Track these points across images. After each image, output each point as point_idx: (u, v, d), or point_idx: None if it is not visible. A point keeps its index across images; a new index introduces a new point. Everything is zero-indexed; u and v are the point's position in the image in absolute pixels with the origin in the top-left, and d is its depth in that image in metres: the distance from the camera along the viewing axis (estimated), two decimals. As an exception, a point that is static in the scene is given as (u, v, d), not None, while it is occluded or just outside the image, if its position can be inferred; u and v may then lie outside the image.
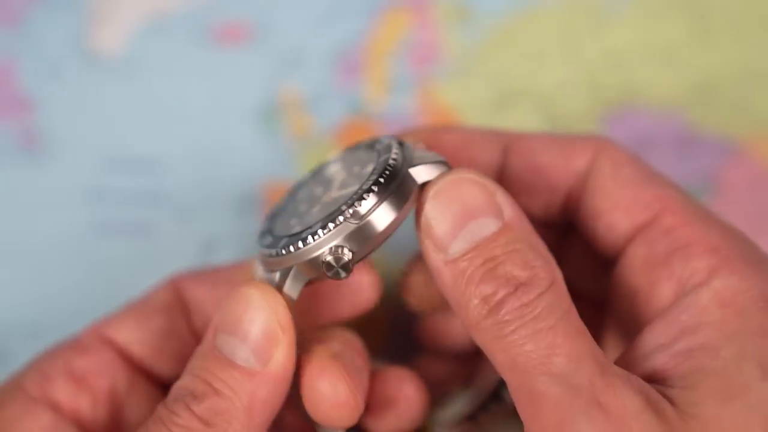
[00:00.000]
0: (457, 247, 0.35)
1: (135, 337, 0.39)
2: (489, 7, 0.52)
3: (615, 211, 0.39)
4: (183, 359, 0.39)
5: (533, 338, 0.33)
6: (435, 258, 0.35)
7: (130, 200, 0.51)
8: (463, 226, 0.35)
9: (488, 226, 0.35)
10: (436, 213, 0.35)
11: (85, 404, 0.38)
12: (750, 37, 0.52)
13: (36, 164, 0.51)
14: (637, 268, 0.38)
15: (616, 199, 0.39)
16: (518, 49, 0.52)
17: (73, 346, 0.39)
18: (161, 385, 0.40)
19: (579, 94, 0.52)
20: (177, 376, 0.38)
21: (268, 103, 0.52)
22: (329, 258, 0.35)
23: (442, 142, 0.40)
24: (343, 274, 0.35)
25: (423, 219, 0.36)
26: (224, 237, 0.51)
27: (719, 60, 0.52)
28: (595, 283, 0.41)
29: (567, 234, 0.42)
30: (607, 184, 0.39)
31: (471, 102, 0.52)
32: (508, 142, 0.40)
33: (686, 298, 0.35)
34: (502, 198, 0.36)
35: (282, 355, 0.36)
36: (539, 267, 0.35)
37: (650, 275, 0.37)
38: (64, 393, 0.38)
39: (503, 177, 0.40)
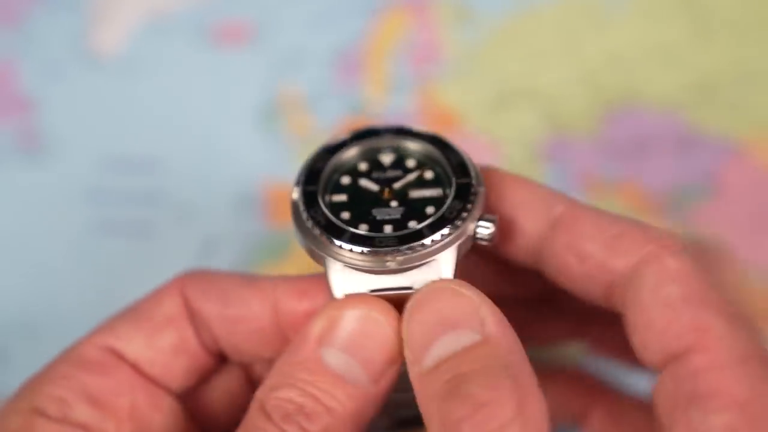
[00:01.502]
0: (429, 360, 0.33)
1: (146, 355, 0.38)
2: (489, 7, 0.52)
3: (649, 331, 0.35)
4: (194, 373, 0.38)
5: None
6: (411, 370, 0.34)
7: (129, 200, 0.51)
8: (438, 339, 0.33)
9: (463, 339, 0.33)
10: (414, 322, 0.34)
11: (110, 427, 0.37)
12: (750, 37, 0.52)
13: (36, 164, 0.51)
14: (663, 401, 0.35)
15: (651, 318, 0.35)
16: (518, 49, 0.52)
17: (84, 363, 0.37)
18: (175, 396, 0.39)
19: (579, 94, 0.52)
20: (189, 388, 0.38)
21: (268, 103, 0.52)
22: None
23: (503, 192, 0.38)
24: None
25: (403, 328, 0.34)
26: (224, 237, 0.51)
27: (719, 60, 0.52)
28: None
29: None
30: (646, 298, 0.35)
31: (471, 102, 0.52)
32: (564, 211, 0.37)
33: None
34: (486, 311, 0.33)
35: (394, 373, 0.35)
36: (505, 388, 0.32)
37: (671, 416, 0.34)
38: (86, 417, 0.36)
39: (546, 249, 0.38)
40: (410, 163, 0.37)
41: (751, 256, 0.50)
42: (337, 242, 0.35)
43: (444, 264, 0.35)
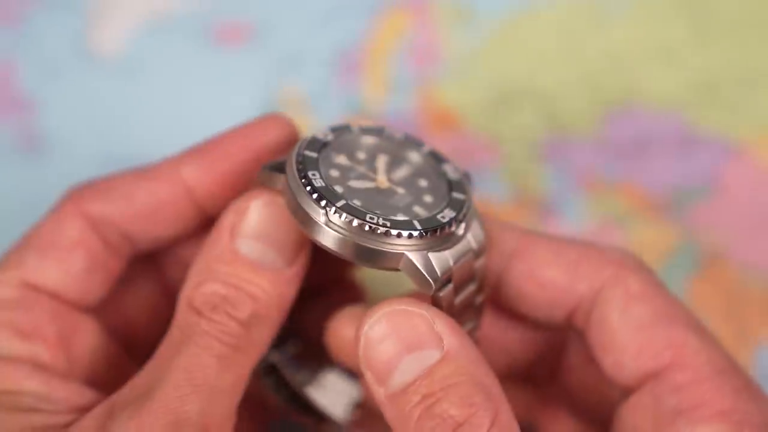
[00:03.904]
0: (396, 382, 0.33)
1: (61, 283, 0.38)
2: (489, 7, 0.52)
3: (622, 353, 0.36)
4: (110, 283, 0.39)
5: None
6: (376, 391, 0.34)
7: (130, 200, 0.51)
8: (401, 360, 0.33)
9: (428, 357, 0.33)
10: (371, 348, 0.34)
11: (45, 357, 0.37)
12: (750, 37, 0.52)
13: (36, 164, 0.51)
14: (642, 419, 0.36)
15: (624, 340, 0.36)
16: (518, 49, 0.52)
17: (4, 303, 0.37)
18: (96, 314, 0.39)
19: (579, 94, 0.52)
20: (105, 302, 0.39)
21: (269, 103, 0.52)
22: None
23: None
24: None
25: (361, 350, 0.34)
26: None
27: (719, 60, 0.52)
28: (601, 399, 0.39)
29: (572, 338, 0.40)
30: (615, 320, 0.36)
31: (471, 102, 0.52)
32: (520, 244, 0.38)
33: None
34: (441, 326, 0.33)
35: (306, 253, 0.36)
36: (479, 405, 0.32)
37: (655, 431, 0.35)
38: (20, 351, 0.37)
39: (505, 280, 0.38)
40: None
41: (751, 256, 0.50)
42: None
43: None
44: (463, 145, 0.52)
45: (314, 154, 0.36)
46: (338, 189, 0.35)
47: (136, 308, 0.41)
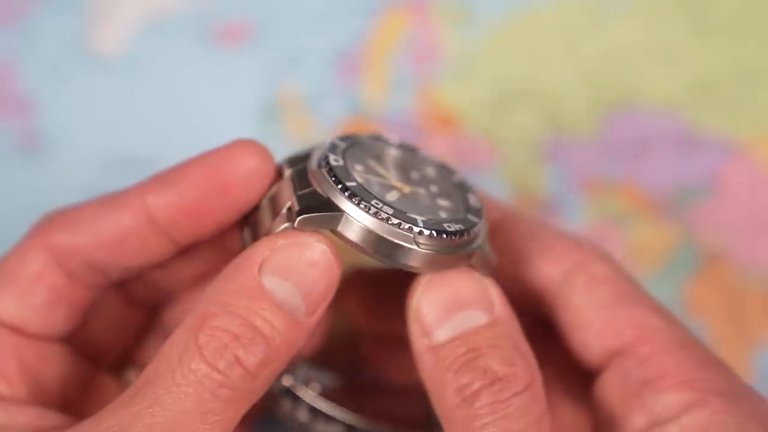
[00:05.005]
0: (442, 335, 0.35)
1: (21, 316, 0.37)
2: (489, 7, 0.52)
3: (587, 332, 0.38)
4: (76, 313, 0.38)
5: None
6: (419, 343, 0.35)
7: (130, 200, 0.51)
8: (452, 316, 0.35)
9: (477, 318, 0.35)
10: (428, 299, 0.35)
11: (4, 390, 0.37)
12: (750, 37, 0.52)
13: (36, 164, 0.51)
14: (612, 394, 0.37)
15: (588, 320, 0.38)
16: (518, 49, 0.52)
17: None
18: (61, 342, 0.39)
19: (579, 94, 0.52)
20: (74, 329, 0.38)
21: (268, 103, 0.52)
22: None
23: None
24: None
25: (414, 303, 0.36)
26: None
27: (719, 60, 0.52)
28: (580, 388, 0.40)
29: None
30: (579, 301, 0.38)
31: (471, 102, 0.52)
32: (502, 218, 0.40)
33: None
34: (494, 294, 0.36)
35: (324, 308, 0.35)
36: (519, 367, 0.34)
37: (624, 404, 0.37)
38: None
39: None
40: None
41: (751, 256, 0.50)
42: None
43: None
44: (463, 145, 0.52)
45: (353, 184, 0.35)
46: (397, 204, 0.36)
47: (105, 328, 0.41)
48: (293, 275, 0.34)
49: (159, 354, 0.34)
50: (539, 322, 0.40)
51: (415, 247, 0.35)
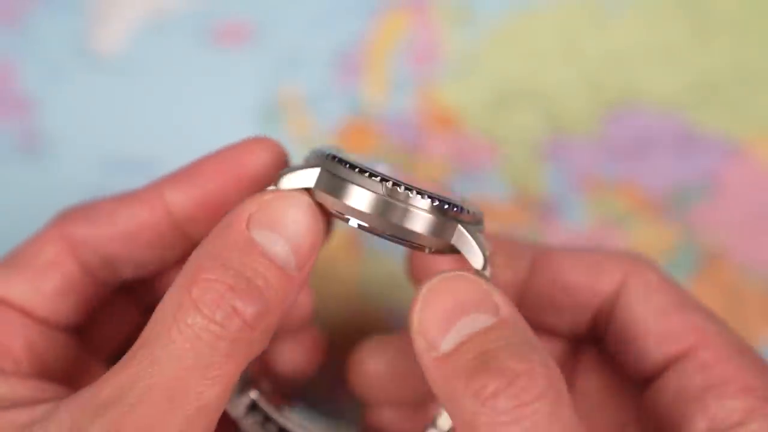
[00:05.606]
0: (448, 343, 0.33)
1: (32, 300, 0.38)
2: (489, 7, 0.52)
3: (646, 339, 0.38)
4: (85, 306, 0.38)
5: None
6: (425, 357, 0.33)
7: (130, 200, 0.51)
8: (455, 322, 0.33)
9: (482, 320, 0.33)
10: (428, 310, 0.33)
11: (7, 366, 0.37)
12: (750, 37, 0.52)
13: (36, 164, 0.51)
14: (668, 400, 0.37)
15: (647, 327, 0.38)
16: (518, 49, 0.52)
17: None
18: (69, 330, 0.39)
19: (579, 94, 0.52)
20: (83, 320, 0.38)
21: (268, 103, 0.52)
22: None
23: None
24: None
25: (414, 317, 0.33)
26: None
27: (719, 60, 0.52)
28: (617, 404, 0.40)
29: (584, 349, 0.41)
30: (637, 310, 0.38)
31: (471, 102, 0.52)
32: (536, 257, 0.39)
33: None
34: (498, 297, 0.34)
35: (312, 264, 0.34)
36: (537, 361, 0.32)
37: (682, 409, 0.36)
38: None
39: (528, 293, 0.39)
40: None
41: (751, 256, 0.50)
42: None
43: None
44: (463, 145, 0.52)
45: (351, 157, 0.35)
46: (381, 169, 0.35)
47: (117, 336, 0.41)
48: (281, 228, 0.34)
49: (153, 317, 0.33)
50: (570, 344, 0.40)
51: (415, 209, 0.34)
